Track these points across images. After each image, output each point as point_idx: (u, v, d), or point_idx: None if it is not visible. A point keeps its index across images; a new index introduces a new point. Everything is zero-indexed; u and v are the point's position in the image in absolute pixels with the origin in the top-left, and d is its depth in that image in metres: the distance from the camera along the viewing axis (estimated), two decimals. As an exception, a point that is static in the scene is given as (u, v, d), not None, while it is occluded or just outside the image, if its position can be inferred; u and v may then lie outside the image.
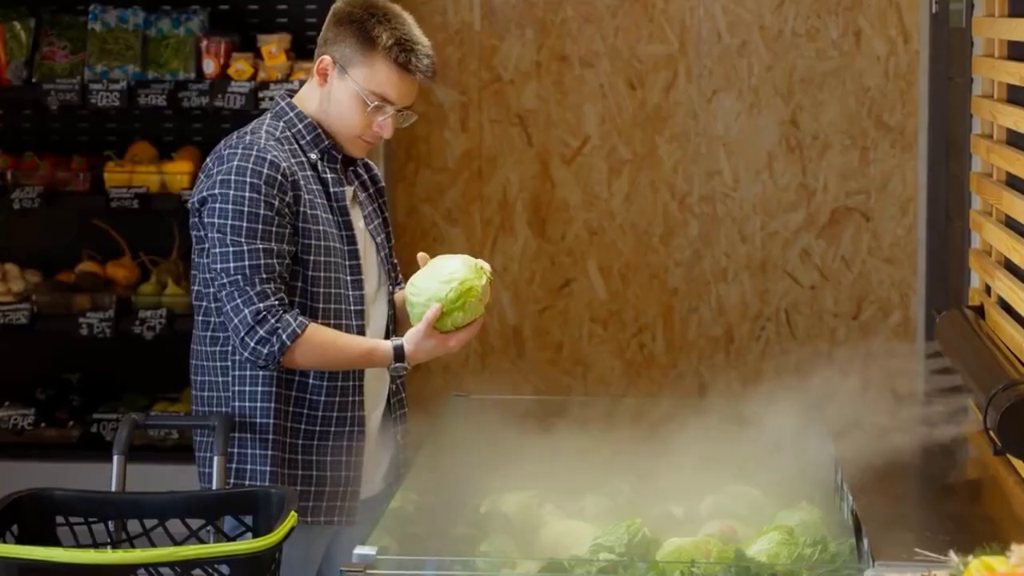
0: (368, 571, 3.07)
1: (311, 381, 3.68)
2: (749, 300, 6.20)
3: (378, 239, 3.81)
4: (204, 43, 5.76)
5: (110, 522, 3.41)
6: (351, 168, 3.81)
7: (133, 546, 3.39)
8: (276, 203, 3.58)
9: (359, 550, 3.10)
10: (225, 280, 3.57)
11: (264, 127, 3.69)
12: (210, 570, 3.11)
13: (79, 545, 3.33)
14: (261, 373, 3.65)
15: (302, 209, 3.63)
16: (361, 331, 3.72)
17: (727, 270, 6.20)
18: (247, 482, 3.68)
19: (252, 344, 3.55)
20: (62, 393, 6.02)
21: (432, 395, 6.05)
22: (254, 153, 3.60)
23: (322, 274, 3.66)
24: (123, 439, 3.63)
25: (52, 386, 6.05)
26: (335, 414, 3.69)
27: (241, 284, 3.55)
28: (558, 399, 5.75)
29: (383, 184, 3.95)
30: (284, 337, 3.54)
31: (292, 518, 3.21)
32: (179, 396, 5.88)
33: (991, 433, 3.35)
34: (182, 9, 5.90)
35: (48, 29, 5.90)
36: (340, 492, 3.71)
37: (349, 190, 3.77)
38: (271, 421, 3.65)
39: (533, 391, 6.24)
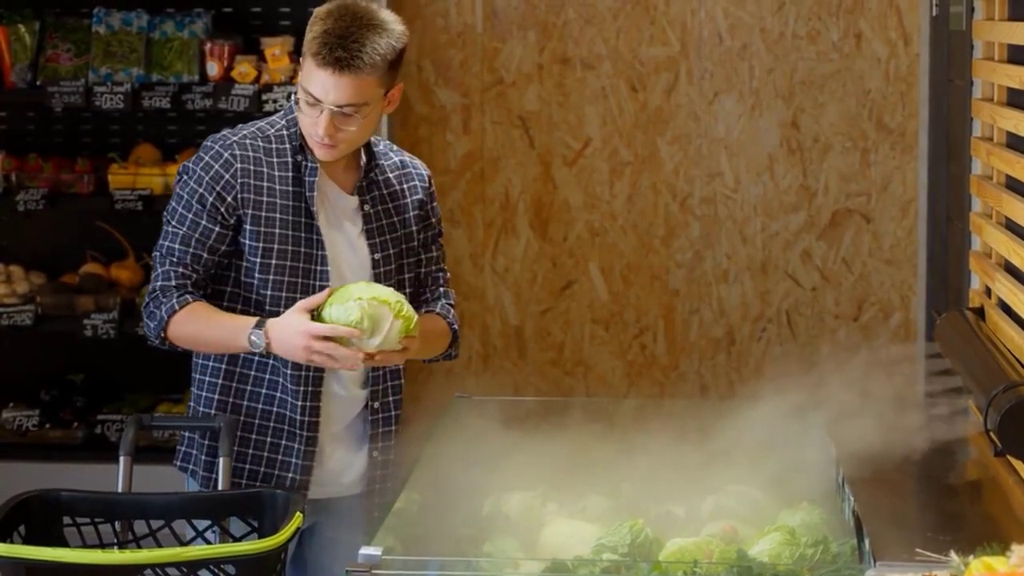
0: (373, 571, 3.09)
1: (267, 377, 3.67)
2: (750, 301, 6.22)
3: (378, 255, 3.71)
4: (208, 46, 5.77)
5: (116, 523, 3.43)
6: (368, 178, 3.72)
7: (139, 547, 3.41)
8: (211, 198, 3.60)
9: (364, 550, 3.12)
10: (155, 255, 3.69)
11: (261, 123, 3.71)
12: (216, 570, 3.14)
13: (86, 545, 3.35)
14: (212, 363, 3.68)
15: (252, 212, 3.60)
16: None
17: (728, 271, 6.22)
18: (190, 466, 3.72)
19: (144, 320, 3.63)
20: (66, 394, 6.04)
21: (434, 396, 6.08)
22: (216, 146, 3.63)
23: (271, 277, 3.63)
24: (129, 440, 3.64)
25: (56, 387, 6.07)
26: (273, 414, 3.68)
27: (156, 262, 3.65)
28: (560, 400, 5.77)
29: (422, 198, 3.82)
30: (163, 312, 3.58)
31: (297, 519, 3.23)
32: (182, 397, 5.90)
33: (992, 434, 3.37)
34: (186, 12, 5.91)
35: (52, 32, 5.92)
36: None
37: (351, 199, 3.71)
38: (212, 412, 3.68)
39: (535, 392, 6.26)
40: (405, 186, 3.81)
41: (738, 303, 6.21)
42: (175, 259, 3.61)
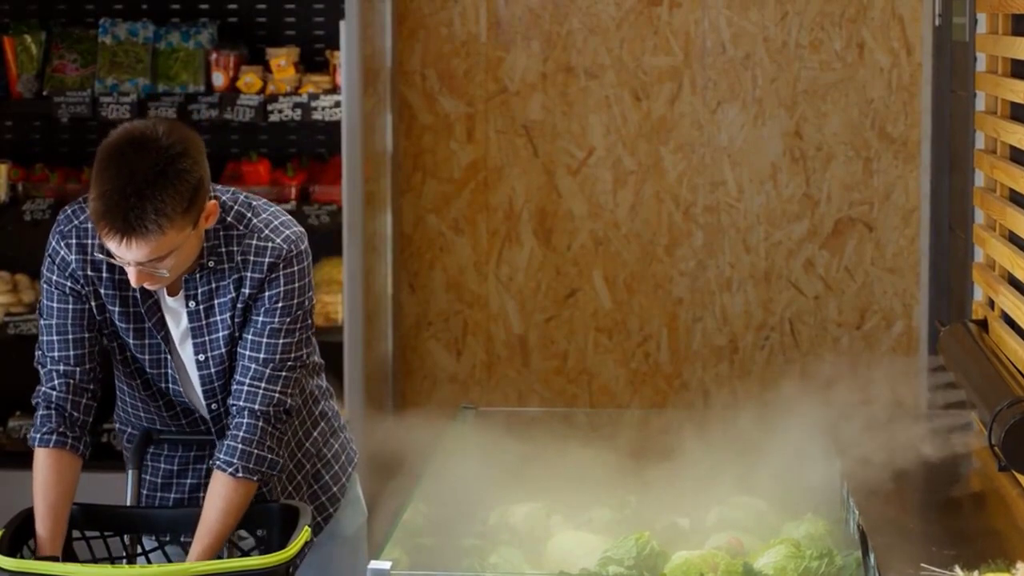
0: (383, 586, 3.11)
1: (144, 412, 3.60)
2: (753, 310, 6.23)
3: (202, 356, 3.40)
4: (213, 56, 5.79)
5: (126, 536, 3.45)
6: (202, 271, 3.36)
7: (148, 561, 3.43)
8: (68, 283, 3.40)
9: (373, 565, 3.14)
10: None
11: None
12: (225, 585, 3.15)
13: (95, 559, 3.37)
14: (117, 392, 3.62)
15: (96, 303, 3.41)
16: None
17: (731, 280, 6.24)
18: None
19: None
20: (72, 403, 6.04)
21: (439, 406, 6.10)
22: (58, 232, 3.41)
23: (129, 369, 3.49)
24: (136, 454, 3.65)
25: (62, 396, 6.07)
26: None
27: (37, 362, 3.50)
28: (564, 411, 5.79)
29: (249, 291, 3.36)
30: (33, 436, 3.50)
31: (306, 533, 3.24)
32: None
33: (996, 449, 3.38)
34: (192, 22, 5.93)
35: (58, 42, 5.93)
36: None
37: (178, 298, 3.40)
38: (115, 426, 3.70)
39: (538, 400, 6.28)
40: (244, 274, 3.37)
41: (741, 312, 6.23)
42: (54, 356, 3.43)
